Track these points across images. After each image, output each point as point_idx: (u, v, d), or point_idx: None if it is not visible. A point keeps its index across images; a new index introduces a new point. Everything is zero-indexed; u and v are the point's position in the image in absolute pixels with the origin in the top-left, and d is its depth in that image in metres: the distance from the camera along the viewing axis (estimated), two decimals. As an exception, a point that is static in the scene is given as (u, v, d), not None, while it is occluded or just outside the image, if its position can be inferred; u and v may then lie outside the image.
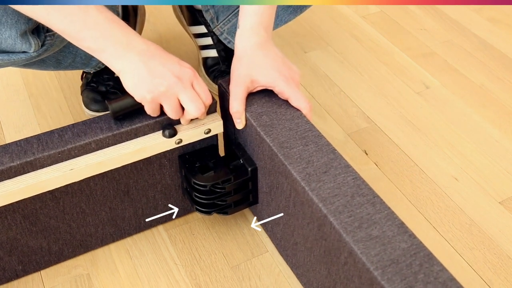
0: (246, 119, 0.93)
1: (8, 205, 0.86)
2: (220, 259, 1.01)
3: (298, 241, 0.89)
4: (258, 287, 0.96)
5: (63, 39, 1.01)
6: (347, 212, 0.75)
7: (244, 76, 0.92)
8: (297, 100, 0.92)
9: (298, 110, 0.93)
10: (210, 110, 0.94)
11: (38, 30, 0.93)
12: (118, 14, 1.20)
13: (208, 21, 1.23)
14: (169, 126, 0.90)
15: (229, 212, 0.99)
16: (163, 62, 0.85)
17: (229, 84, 0.95)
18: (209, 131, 0.93)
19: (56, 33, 0.96)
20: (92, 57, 1.16)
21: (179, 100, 0.86)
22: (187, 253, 1.02)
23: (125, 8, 1.28)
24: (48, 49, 0.97)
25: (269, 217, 0.98)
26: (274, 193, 0.92)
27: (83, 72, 1.29)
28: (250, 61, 0.92)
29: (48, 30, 0.95)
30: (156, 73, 0.84)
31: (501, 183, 1.16)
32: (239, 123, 0.93)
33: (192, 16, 1.32)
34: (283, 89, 0.91)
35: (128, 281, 0.97)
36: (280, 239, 0.97)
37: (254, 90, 0.94)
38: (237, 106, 0.91)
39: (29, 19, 0.88)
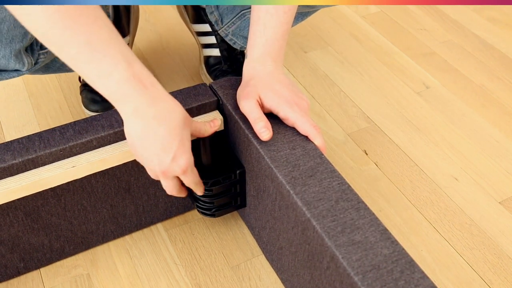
0: (235, 121, 0.91)
1: (10, 202, 0.86)
2: (220, 259, 1.01)
3: (283, 245, 0.89)
4: (258, 287, 0.96)
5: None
6: (331, 216, 0.75)
7: (252, 92, 0.87)
8: (303, 125, 0.85)
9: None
10: (211, 108, 0.94)
11: (32, 48, 0.92)
12: (108, 15, 1.19)
13: (213, 23, 1.23)
14: None
15: (216, 215, 0.99)
16: (156, 152, 0.78)
17: (221, 87, 0.94)
18: (210, 128, 0.93)
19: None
20: None
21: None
22: (187, 253, 1.02)
23: (116, 8, 1.27)
24: (41, 65, 0.96)
25: (256, 220, 0.98)
26: (261, 197, 0.91)
27: None
28: (257, 83, 0.88)
29: (41, 47, 0.93)
30: (146, 154, 0.79)
31: (501, 183, 1.16)
32: (265, 132, 0.85)
33: (197, 14, 1.31)
34: (287, 114, 0.85)
35: (128, 281, 0.97)
36: (266, 243, 0.97)
37: None
38: (256, 114, 0.86)
39: (23, 38, 0.86)
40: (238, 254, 1.01)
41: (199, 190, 0.90)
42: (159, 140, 0.76)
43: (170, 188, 0.85)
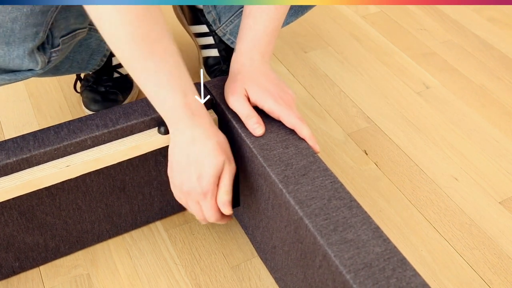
0: (228, 120, 0.91)
1: (5, 201, 0.85)
2: (220, 259, 1.01)
3: (276, 244, 0.89)
4: (258, 287, 0.96)
5: (65, 52, 1.00)
6: (323, 215, 0.75)
7: (239, 87, 0.89)
8: (288, 118, 0.86)
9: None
10: (206, 108, 0.94)
11: (44, 47, 0.92)
12: None
13: (211, 22, 1.23)
14: (164, 123, 0.90)
15: None
16: (185, 168, 0.83)
17: (215, 86, 0.95)
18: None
19: (61, 48, 0.95)
20: (89, 61, 1.16)
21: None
22: (187, 253, 1.01)
23: None
24: (53, 64, 0.96)
25: (250, 220, 0.98)
26: (254, 196, 0.91)
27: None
28: (244, 77, 0.90)
29: (53, 46, 0.94)
30: (176, 175, 0.85)
31: (501, 183, 1.15)
32: (258, 128, 0.87)
33: (194, 15, 1.31)
34: (271, 107, 0.87)
35: (128, 281, 0.97)
36: (260, 243, 0.97)
37: None
38: (247, 110, 0.88)
39: (35, 37, 0.87)
40: (238, 254, 1.01)
41: (215, 219, 0.88)
42: (190, 157, 0.82)
43: (200, 211, 0.87)
